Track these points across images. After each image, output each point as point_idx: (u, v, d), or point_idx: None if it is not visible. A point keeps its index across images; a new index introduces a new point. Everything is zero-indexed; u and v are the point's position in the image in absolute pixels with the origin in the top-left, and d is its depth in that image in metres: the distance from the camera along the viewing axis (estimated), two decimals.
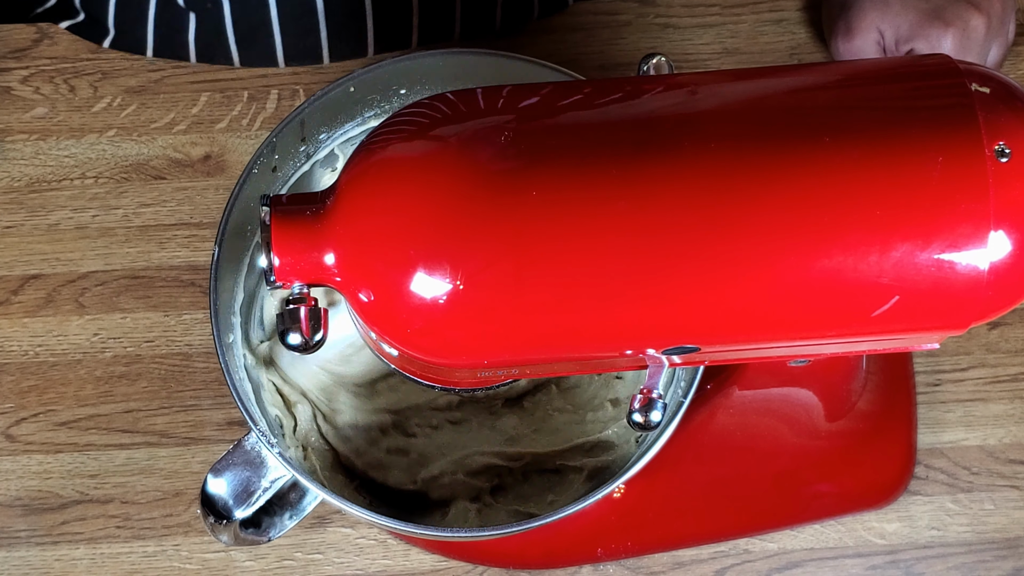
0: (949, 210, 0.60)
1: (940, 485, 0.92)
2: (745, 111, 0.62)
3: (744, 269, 0.60)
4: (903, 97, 0.62)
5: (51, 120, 0.99)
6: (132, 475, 0.92)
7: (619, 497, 0.88)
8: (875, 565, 0.91)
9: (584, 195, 0.60)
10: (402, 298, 0.61)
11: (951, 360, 0.95)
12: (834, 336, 0.64)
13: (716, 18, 1.02)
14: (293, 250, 0.63)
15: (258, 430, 0.75)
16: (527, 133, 0.62)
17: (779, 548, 0.91)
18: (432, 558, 0.91)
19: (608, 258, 0.60)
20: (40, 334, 0.94)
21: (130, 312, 0.95)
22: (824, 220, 0.60)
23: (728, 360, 0.72)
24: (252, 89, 1.00)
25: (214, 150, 0.99)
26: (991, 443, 0.93)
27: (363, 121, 0.84)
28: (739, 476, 0.90)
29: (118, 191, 0.98)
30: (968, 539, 0.91)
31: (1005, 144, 0.61)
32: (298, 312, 0.64)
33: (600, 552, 0.90)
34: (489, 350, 0.63)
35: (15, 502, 0.91)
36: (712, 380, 0.83)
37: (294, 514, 0.81)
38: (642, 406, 0.66)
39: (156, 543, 0.91)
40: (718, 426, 0.86)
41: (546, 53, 1.00)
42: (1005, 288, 0.62)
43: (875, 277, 0.60)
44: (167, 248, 0.96)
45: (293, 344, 0.64)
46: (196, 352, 0.94)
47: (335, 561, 0.91)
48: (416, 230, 0.60)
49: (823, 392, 0.86)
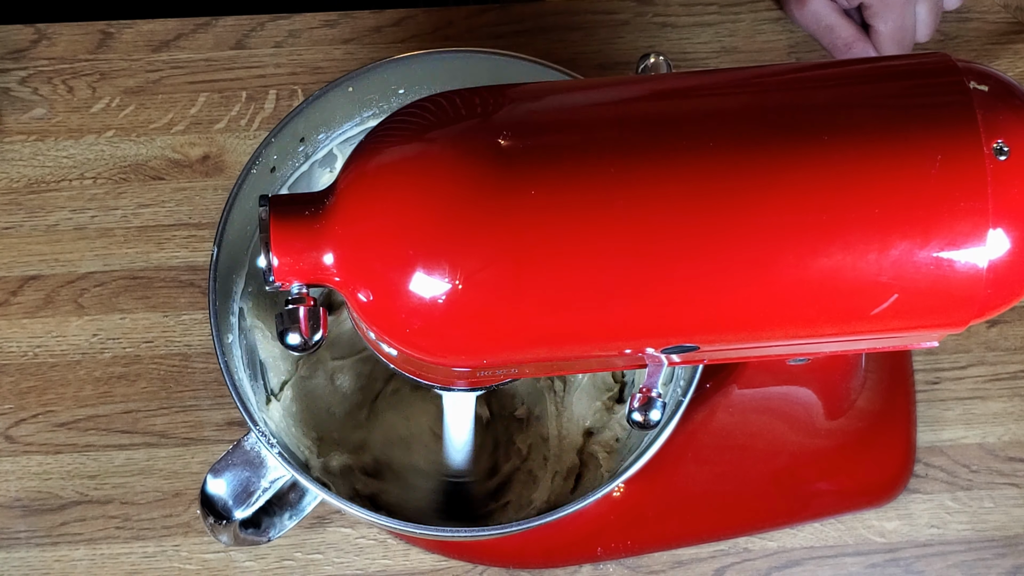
0: (948, 208, 0.60)
1: (939, 483, 0.93)
2: (743, 109, 0.62)
3: (743, 267, 0.60)
4: (901, 95, 0.62)
5: (49, 121, 0.99)
6: (132, 476, 0.92)
7: (618, 496, 0.88)
8: (875, 563, 0.91)
9: (582, 194, 0.60)
10: (401, 298, 0.61)
11: (950, 358, 0.95)
12: (833, 334, 0.64)
13: (714, 16, 1.02)
14: (292, 250, 0.63)
15: (257, 430, 0.75)
16: (525, 133, 0.62)
17: (779, 547, 0.91)
18: (432, 558, 0.91)
19: (607, 257, 0.60)
20: (39, 335, 0.94)
21: (129, 313, 0.95)
22: (823, 219, 0.60)
23: (727, 359, 0.72)
24: (250, 89, 1.00)
25: (213, 150, 0.99)
26: (990, 441, 0.93)
27: (362, 121, 0.84)
28: (738, 475, 0.90)
29: (117, 192, 0.98)
30: (968, 537, 0.91)
31: (1004, 142, 0.61)
32: (297, 312, 0.64)
33: (600, 551, 0.90)
34: (488, 349, 0.63)
35: (15, 503, 0.91)
36: (711, 379, 0.83)
37: (294, 514, 0.81)
38: (641, 405, 0.66)
39: (156, 544, 0.91)
40: (717, 425, 0.86)
41: (544, 53, 1.00)
42: (1004, 286, 0.62)
43: (874, 275, 0.60)
44: (166, 248, 0.96)
45: (292, 344, 0.64)
46: (195, 352, 0.94)
47: (335, 561, 0.91)
48: (415, 230, 0.60)
49: (822, 391, 0.87)
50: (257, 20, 1.02)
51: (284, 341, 0.64)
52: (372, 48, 1.01)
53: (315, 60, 1.01)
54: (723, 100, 0.63)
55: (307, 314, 0.64)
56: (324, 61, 1.01)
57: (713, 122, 0.61)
